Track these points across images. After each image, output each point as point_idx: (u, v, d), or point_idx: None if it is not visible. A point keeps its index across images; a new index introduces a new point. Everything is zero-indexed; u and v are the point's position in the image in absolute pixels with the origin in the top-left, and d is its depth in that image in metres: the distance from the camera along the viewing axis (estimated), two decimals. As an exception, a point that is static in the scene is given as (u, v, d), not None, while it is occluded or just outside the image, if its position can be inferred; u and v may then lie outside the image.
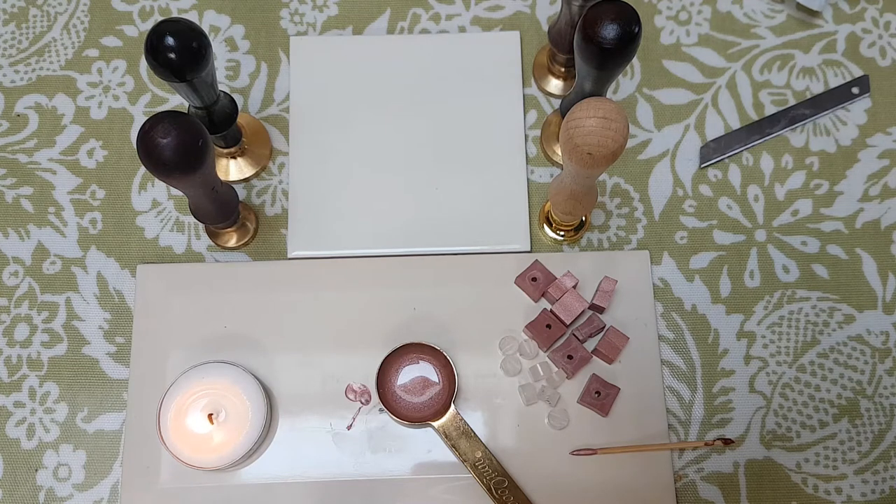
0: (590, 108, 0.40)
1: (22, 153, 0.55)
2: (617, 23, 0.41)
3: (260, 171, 0.55)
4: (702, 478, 0.50)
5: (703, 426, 0.51)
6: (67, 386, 0.51)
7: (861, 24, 0.58)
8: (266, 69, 0.57)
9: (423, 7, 0.59)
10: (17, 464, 0.50)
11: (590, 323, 0.51)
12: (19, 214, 0.54)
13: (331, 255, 0.53)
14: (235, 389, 0.48)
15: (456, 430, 0.49)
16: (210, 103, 0.48)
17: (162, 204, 0.55)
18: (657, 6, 0.59)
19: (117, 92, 0.57)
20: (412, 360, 0.50)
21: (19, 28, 0.58)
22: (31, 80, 0.57)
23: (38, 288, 0.53)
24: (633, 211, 0.55)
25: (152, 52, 0.42)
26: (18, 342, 0.52)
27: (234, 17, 0.58)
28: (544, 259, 0.53)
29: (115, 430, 0.51)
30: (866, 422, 0.51)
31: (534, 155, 0.56)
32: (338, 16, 0.59)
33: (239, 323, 0.52)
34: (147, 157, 0.41)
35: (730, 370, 0.52)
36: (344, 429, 0.50)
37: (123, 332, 0.52)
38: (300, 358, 0.51)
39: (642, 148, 0.56)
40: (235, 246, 0.54)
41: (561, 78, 0.56)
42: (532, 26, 0.58)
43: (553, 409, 0.50)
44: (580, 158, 0.41)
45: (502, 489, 0.48)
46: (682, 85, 0.57)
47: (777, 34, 0.58)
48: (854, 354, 0.52)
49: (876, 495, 0.50)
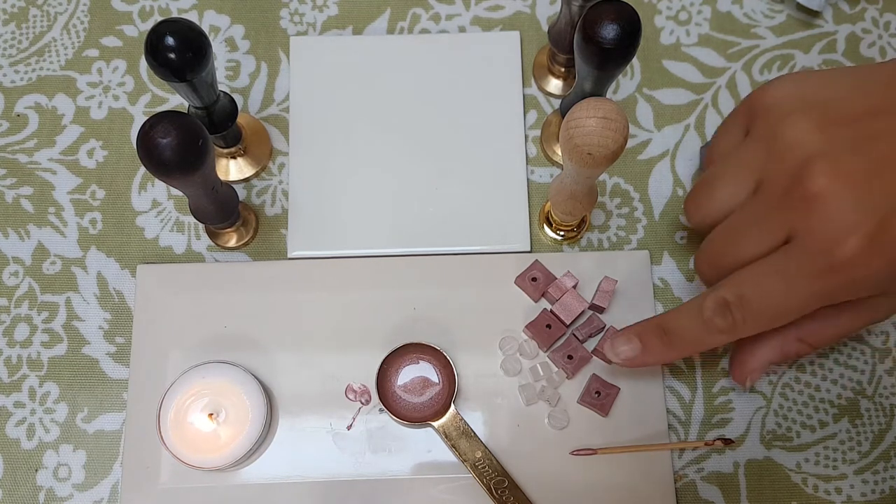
0: (590, 108, 0.40)
1: (22, 153, 0.55)
2: (617, 23, 0.41)
3: (260, 171, 0.55)
4: (702, 478, 0.50)
5: (703, 426, 0.51)
6: (67, 386, 0.51)
7: (861, 24, 0.58)
8: (266, 69, 0.57)
9: (423, 7, 0.59)
10: (17, 464, 0.50)
11: (590, 323, 0.51)
12: (19, 214, 0.54)
13: (331, 255, 0.53)
14: (235, 389, 0.48)
15: (456, 430, 0.49)
16: (210, 103, 0.48)
17: (162, 204, 0.55)
18: (657, 6, 0.59)
19: (117, 92, 0.57)
20: (412, 360, 0.51)
21: (19, 28, 0.58)
22: (31, 80, 0.57)
23: (38, 288, 0.53)
24: (633, 211, 0.55)
25: (152, 52, 0.42)
26: (18, 342, 0.52)
27: (234, 17, 0.58)
28: (544, 259, 0.53)
29: (115, 430, 0.51)
30: (866, 422, 0.51)
31: (534, 155, 0.56)
32: (338, 16, 0.59)
33: (239, 323, 0.52)
34: (147, 157, 0.41)
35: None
36: (344, 429, 0.50)
37: (123, 332, 0.52)
38: (300, 358, 0.51)
39: (642, 148, 0.56)
40: (235, 246, 0.54)
41: (561, 78, 0.56)
42: (532, 26, 0.58)
43: (553, 409, 0.50)
44: (580, 158, 0.41)
45: (502, 489, 0.48)
46: (682, 85, 0.57)
47: (777, 34, 0.58)
48: (854, 354, 0.52)
49: (876, 495, 0.50)
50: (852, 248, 0.39)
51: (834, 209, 0.39)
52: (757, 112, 0.44)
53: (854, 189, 0.39)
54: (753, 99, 0.45)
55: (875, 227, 0.39)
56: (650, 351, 0.46)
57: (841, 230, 0.39)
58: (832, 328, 0.45)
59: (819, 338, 0.46)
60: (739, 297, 0.42)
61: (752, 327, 0.43)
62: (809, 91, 0.43)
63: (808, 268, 0.40)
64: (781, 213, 0.41)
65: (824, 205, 0.39)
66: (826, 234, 0.39)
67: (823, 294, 0.41)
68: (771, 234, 0.42)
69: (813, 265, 0.40)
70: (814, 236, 0.40)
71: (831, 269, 0.40)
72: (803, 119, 0.41)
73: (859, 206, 0.39)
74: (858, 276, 0.40)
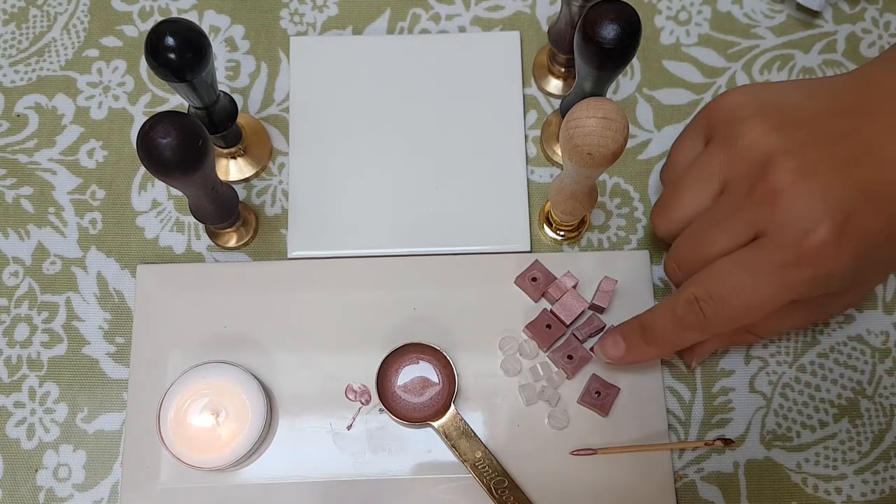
0: (590, 108, 0.40)
1: (22, 153, 0.55)
2: (617, 23, 0.41)
3: (260, 171, 0.55)
4: (702, 478, 0.50)
5: (703, 426, 0.51)
6: (67, 386, 0.51)
7: (861, 24, 0.58)
8: (266, 69, 0.57)
9: (423, 7, 0.59)
10: (17, 464, 0.50)
11: (590, 323, 0.51)
12: (19, 214, 0.54)
13: (331, 255, 0.53)
14: (235, 389, 0.48)
15: (456, 430, 0.49)
16: (210, 103, 0.48)
17: (162, 204, 0.55)
18: (657, 6, 0.59)
19: (117, 92, 0.57)
20: (412, 360, 0.51)
21: (19, 28, 0.58)
22: (31, 80, 0.57)
23: (38, 288, 0.53)
24: (633, 211, 0.55)
25: (152, 52, 0.42)
26: (18, 342, 0.52)
27: (234, 17, 0.58)
28: (544, 259, 0.53)
29: (115, 430, 0.51)
30: (866, 422, 0.51)
31: (534, 155, 0.56)
32: (338, 16, 0.59)
33: (239, 323, 0.52)
34: (147, 157, 0.41)
35: (729, 370, 0.52)
36: (344, 429, 0.50)
37: (123, 332, 0.52)
38: (300, 358, 0.51)
39: (642, 148, 0.56)
40: (235, 246, 0.54)
41: (561, 78, 0.56)
42: (532, 26, 0.58)
43: (553, 409, 0.50)
44: (580, 158, 0.41)
45: (502, 489, 0.48)
46: (682, 85, 0.57)
47: (777, 34, 0.58)
48: (854, 354, 0.52)
49: (876, 495, 0.50)
50: (821, 238, 0.40)
51: (801, 203, 0.40)
52: (715, 120, 0.45)
53: (820, 183, 0.40)
54: (710, 109, 0.46)
55: (842, 220, 0.40)
56: (633, 350, 0.48)
57: (809, 222, 0.40)
58: (784, 320, 0.46)
59: (765, 329, 0.47)
60: (707, 293, 0.43)
61: (725, 322, 0.43)
62: (763, 98, 0.44)
63: (777, 260, 0.41)
64: (747, 211, 0.42)
65: (791, 199, 0.40)
66: (794, 226, 0.40)
67: (793, 287, 0.41)
68: (738, 232, 0.42)
69: (782, 257, 0.40)
70: (782, 230, 0.40)
71: (800, 260, 0.40)
72: (761, 121, 0.42)
73: (826, 199, 0.40)
74: (828, 270, 0.40)
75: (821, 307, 0.46)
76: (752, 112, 0.43)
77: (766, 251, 0.41)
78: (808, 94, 0.44)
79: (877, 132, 0.42)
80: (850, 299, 0.48)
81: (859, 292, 0.48)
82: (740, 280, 0.42)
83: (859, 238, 0.40)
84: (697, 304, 0.43)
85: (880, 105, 0.42)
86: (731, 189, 0.43)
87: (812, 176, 0.40)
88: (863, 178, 0.40)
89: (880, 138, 0.41)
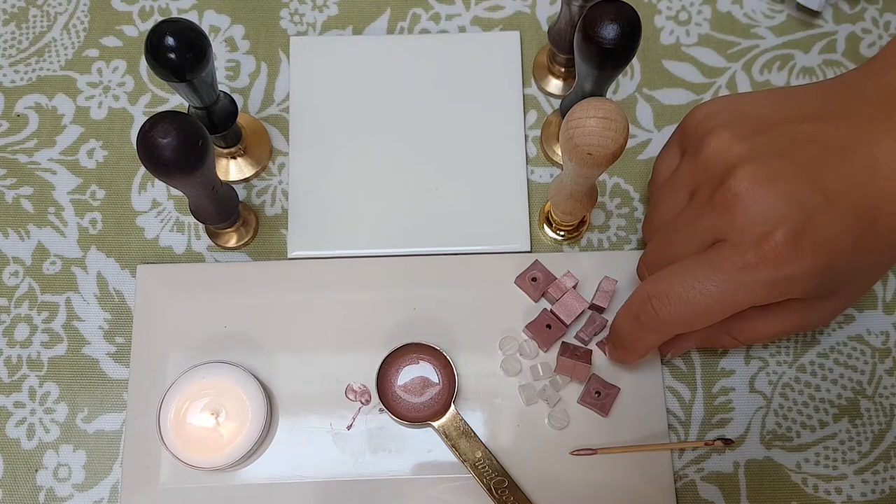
0: (590, 108, 0.40)
1: (22, 153, 0.55)
2: (617, 23, 0.41)
3: (260, 171, 0.55)
4: (702, 478, 0.50)
5: (703, 426, 0.51)
6: (67, 386, 0.51)
7: (861, 24, 0.58)
8: (266, 69, 0.57)
9: (423, 7, 0.59)
10: (17, 464, 0.50)
11: (590, 323, 0.51)
12: (19, 214, 0.54)
13: (331, 255, 0.53)
14: (235, 389, 0.48)
15: (456, 430, 0.49)
16: (210, 103, 0.48)
17: (162, 204, 0.55)
18: (657, 6, 0.59)
19: (117, 92, 0.57)
20: (412, 360, 0.51)
21: (19, 28, 0.58)
22: (31, 80, 0.57)
23: (38, 288, 0.53)
24: (633, 211, 0.55)
25: (152, 52, 0.42)
26: (18, 342, 0.52)
27: (234, 17, 0.58)
28: (544, 259, 0.53)
29: (115, 431, 0.51)
30: (866, 422, 0.51)
31: (534, 155, 0.56)
32: (338, 16, 0.59)
33: (239, 323, 0.52)
34: (147, 157, 0.41)
35: (730, 370, 0.52)
36: (344, 429, 0.50)
37: (123, 333, 0.52)
38: (300, 358, 0.51)
39: (642, 148, 0.56)
40: (235, 246, 0.54)
41: (561, 78, 0.56)
42: (532, 26, 0.58)
43: (553, 409, 0.50)
44: (580, 158, 0.41)
45: (502, 489, 0.48)
46: (682, 85, 0.57)
47: (777, 34, 0.58)
48: (854, 354, 0.52)
49: (876, 495, 0.50)
50: (778, 240, 0.40)
51: (758, 207, 0.40)
52: (687, 132, 0.46)
53: (779, 187, 0.40)
54: (684, 121, 0.47)
55: (802, 223, 0.40)
56: (611, 354, 0.50)
57: (768, 224, 0.40)
58: (760, 326, 0.46)
59: (746, 335, 0.47)
60: (661, 290, 0.43)
61: (679, 322, 0.43)
62: (732, 108, 0.45)
63: (736, 261, 0.41)
64: (707, 217, 0.43)
65: (748, 204, 0.41)
66: (752, 229, 0.40)
67: (750, 289, 0.41)
68: (698, 237, 0.43)
69: (741, 259, 0.41)
70: (739, 233, 0.41)
71: (758, 262, 0.40)
72: (726, 131, 0.43)
73: (787, 203, 0.40)
74: (788, 272, 0.40)
75: (800, 315, 0.45)
76: (719, 122, 0.44)
77: (724, 252, 0.41)
78: (778, 102, 0.44)
79: (847, 135, 0.41)
80: (834, 307, 0.46)
81: (843, 300, 0.46)
82: (694, 278, 0.42)
83: (821, 241, 0.40)
84: (650, 303, 0.43)
85: (852, 108, 0.42)
86: (695, 197, 0.44)
87: (771, 181, 0.41)
88: (827, 183, 0.40)
89: (850, 141, 0.41)
